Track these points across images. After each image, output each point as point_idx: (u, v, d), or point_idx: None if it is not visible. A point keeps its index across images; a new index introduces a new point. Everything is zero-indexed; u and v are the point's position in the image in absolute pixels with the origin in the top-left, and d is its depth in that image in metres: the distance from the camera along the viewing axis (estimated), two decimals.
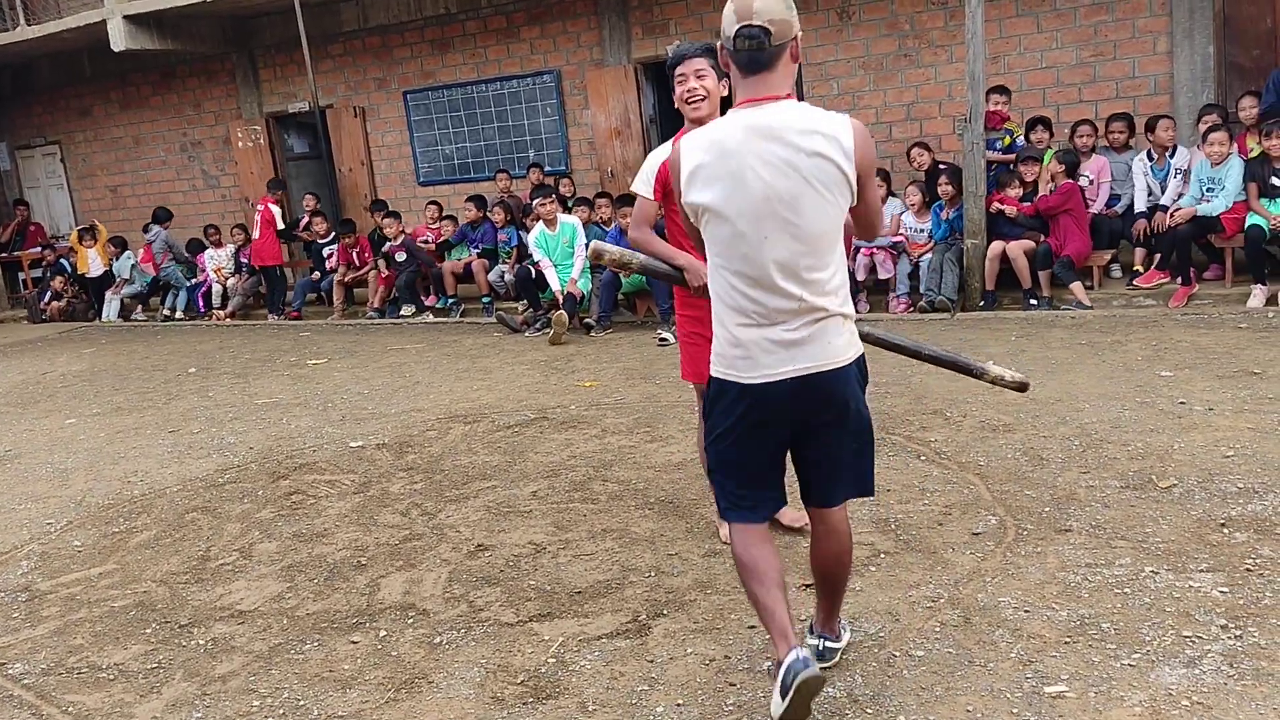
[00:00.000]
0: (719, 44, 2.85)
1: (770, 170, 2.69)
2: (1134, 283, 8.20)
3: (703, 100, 3.70)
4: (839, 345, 2.80)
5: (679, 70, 3.75)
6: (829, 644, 3.17)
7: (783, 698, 2.68)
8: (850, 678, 3.09)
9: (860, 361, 2.89)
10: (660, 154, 3.83)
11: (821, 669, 2.76)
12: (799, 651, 2.71)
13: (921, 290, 8.63)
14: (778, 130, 2.69)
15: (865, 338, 3.14)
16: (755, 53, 2.71)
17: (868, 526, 4.20)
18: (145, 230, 13.68)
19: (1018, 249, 8.25)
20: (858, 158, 2.70)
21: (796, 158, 2.68)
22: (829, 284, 2.76)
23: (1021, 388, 3.57)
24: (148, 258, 13.68)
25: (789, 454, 2.95)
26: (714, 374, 2.90)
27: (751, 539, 2.91)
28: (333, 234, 12.19)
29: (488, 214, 11.01)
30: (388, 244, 11.34)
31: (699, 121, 3.63)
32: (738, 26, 2.71)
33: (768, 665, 3.13)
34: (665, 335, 8.51)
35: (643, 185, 3.96)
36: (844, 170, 2.69)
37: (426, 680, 3.35)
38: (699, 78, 3.70)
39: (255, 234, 12.40)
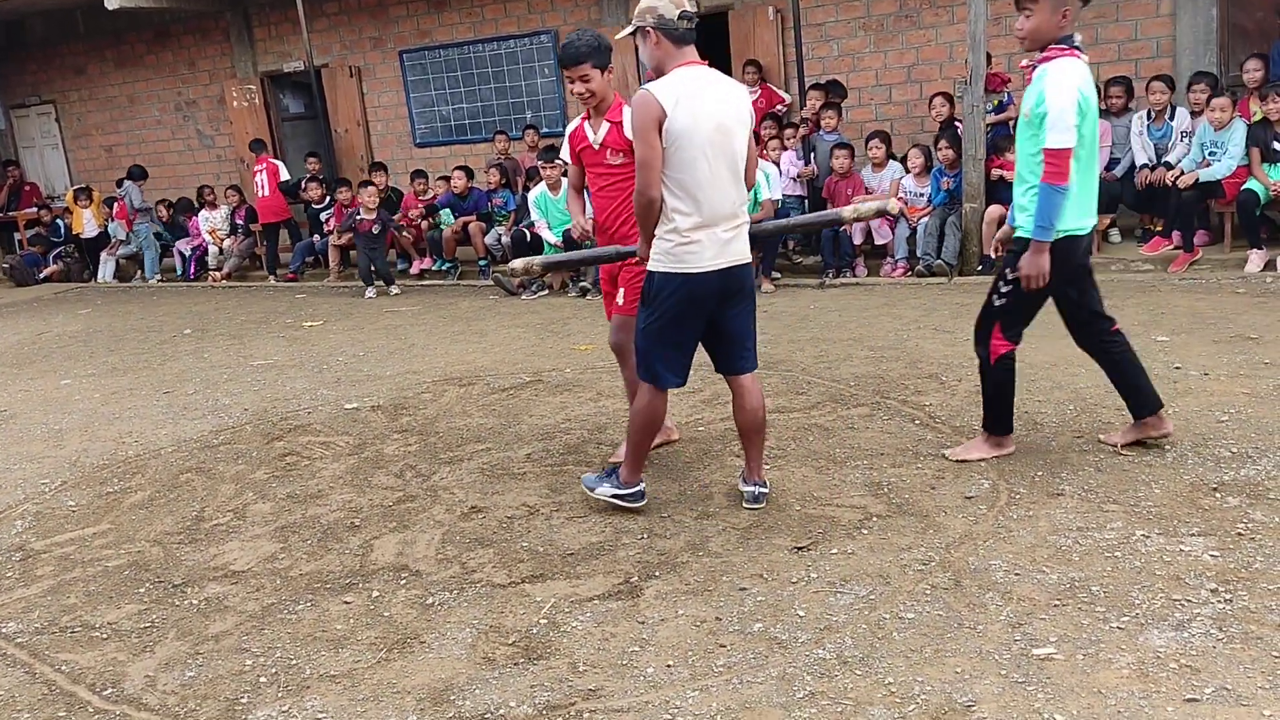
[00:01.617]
0: (648, 24, 3.74)
1: (720, 108, 3.70)
2: (1140, 250, 8.15)
3: (591, 97, 4.38)
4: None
5: (566, 73, 4.39)
6: (760, 490, 4.11)
7: (623, 501, 4.12)
8: (840, 640, 3.10)
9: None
10: (571, 125, 4.66)
11: (758, 508, 4.06)
12: (643, 485, 4.14)
13: (919, 255, 8.60)
14: (716, 82, 3.75)
15: (754, 236, 3.99)
16: (690, 30, 3.75)
17: (860, 489, 4.20)
18: (118, 185, 13.61)
19: None
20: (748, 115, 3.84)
21: (732, 101, 3.75)
22: (745, 198, 3.87)
23: (881, 212, 4.02)
24: (121, 214, 13.62)
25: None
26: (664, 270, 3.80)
27: (664, 397, 4.04)
28: (327, 199, 12.12)
29: (472, 186, 10.97)
30: (359, 217, 10.82)
31: (595, 109, 4.47)
32: (678, 11, 3.71)
33: (609, 467, 4.31)
34: None
35: (565, 153, 4.77)
36: (749, 117, 3.84)
37: (418, 640, 3.36)
38: (584, 81, 4.33)
39: (264, 193, 12.29)
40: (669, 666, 3.06)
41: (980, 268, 8.39)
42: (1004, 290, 4.16)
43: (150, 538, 4.48)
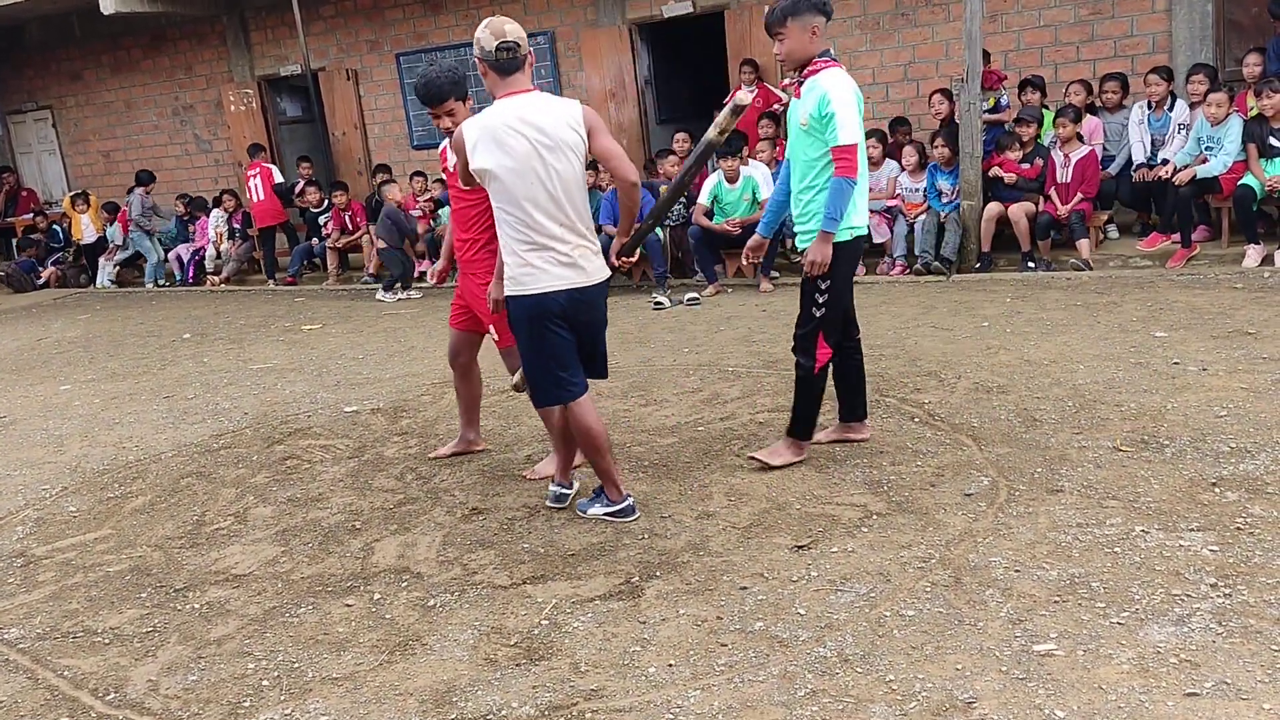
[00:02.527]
0: (476, 56, 3.87)
1: (535, 134, 3.77)
2: (1138, 246, 8.15)
3: (453, 128, 4.40)
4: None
5: (431, 110, 4.53)
6: (563, 490, 4.32)
7: (620, 518, 4.12)
8: (841, 637, 3.10)
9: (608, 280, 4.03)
10: (442, 145, 4.79)
11: (562, 507, 4.28)
12: (631, 499, 4.16)
13: (916, 253, 8.59)
14: (534, 108, 3.81)
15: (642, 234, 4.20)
16: (510, 59, 3.84)
17: (860, 488, 4.21)
18: (128, 193, 13.63)
19: (1019, 212, 8.18)
20: (587, 125, 3.86)
21: (550, 126, 3.79)
22: (588, 223, 3.94)
23: (737, 110, 3.99)
24: (121, 219, 13.65)
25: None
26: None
27: (588, 407, 4.03)
28: (325, 203, 12.12)
29: None
30: (412, 213, 10.90)
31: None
32: (497, 42, 3.81)
33: (583, 489, 4.38)
34: (660, 299, 8.51)
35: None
36: (579, 134, 3.84)
37: (420, 642, 3.37)
38: (450, 116, 4.47)
39: (258, 197, 12.31)
40: (670, 666, 3.06)
41: (978, 265, 8.39)
42: (821, 301, 4.31)
43: (151, 542, 4.49)
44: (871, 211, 8.78)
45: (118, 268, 13.89)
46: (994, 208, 8.30)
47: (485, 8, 12.04)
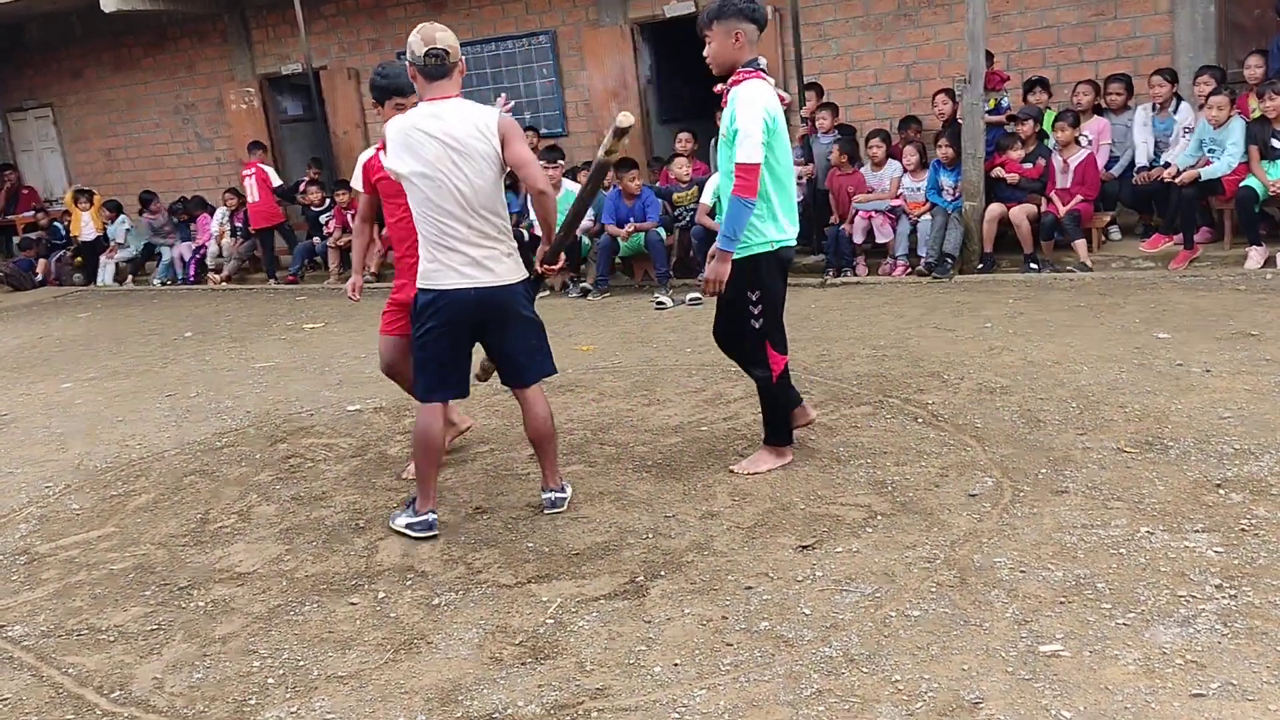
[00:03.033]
0: (407, 59, 4.01)
1: (443, 141, 3.87)
2: (1141, 247, 8.15)
3: None
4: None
5: (397, 100, 4.46)
6: (558, 495, 4.29)
7: (413, 531, 4.14)
8: (846, 637, 3.10)
9: (525, 281, 4.13)
10: (366, 154, 4.73)
11: (558, 512, 4.23)
12: (434, 515, 4.16)
13: (920, 253, 8.59)
14: (447, 115, 3.91)
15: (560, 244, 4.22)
16: (437, 65, 3.95)
17: (864, 488, 4.21)
18: (141, 215, 13.72)
19: (1021, 214, 8.17)
20: (500, 133, 3.92)
21: (460, 133, 3.88)
22: (500, 226, 4.02)
23: (619, 132, 3.93)
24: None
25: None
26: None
27: (438, 413, 4.15)
28: (327, 202, 12.12)
29: None
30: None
31: None
32: (425, 49, 3.94)
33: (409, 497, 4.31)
34: (663, 299, 8.51)
35: (356, 182, 4.85)
36: (492, 143, 3.90)
37: (425, 641, 3.37)
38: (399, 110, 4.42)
39: (253, 197, 12.33)
40: (676, 665, 3.07)
41: (980, 265, 8.39)
42: (756, 312, 4.31)
43: (155, 540, 4.49)
44: (875, 211, 8.82)
45: (119, 266, 13.87)
46: (996, 209, 8.30)
47: (488, 6, 12.06)
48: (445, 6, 12.28)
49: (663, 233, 9.15)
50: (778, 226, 4.25)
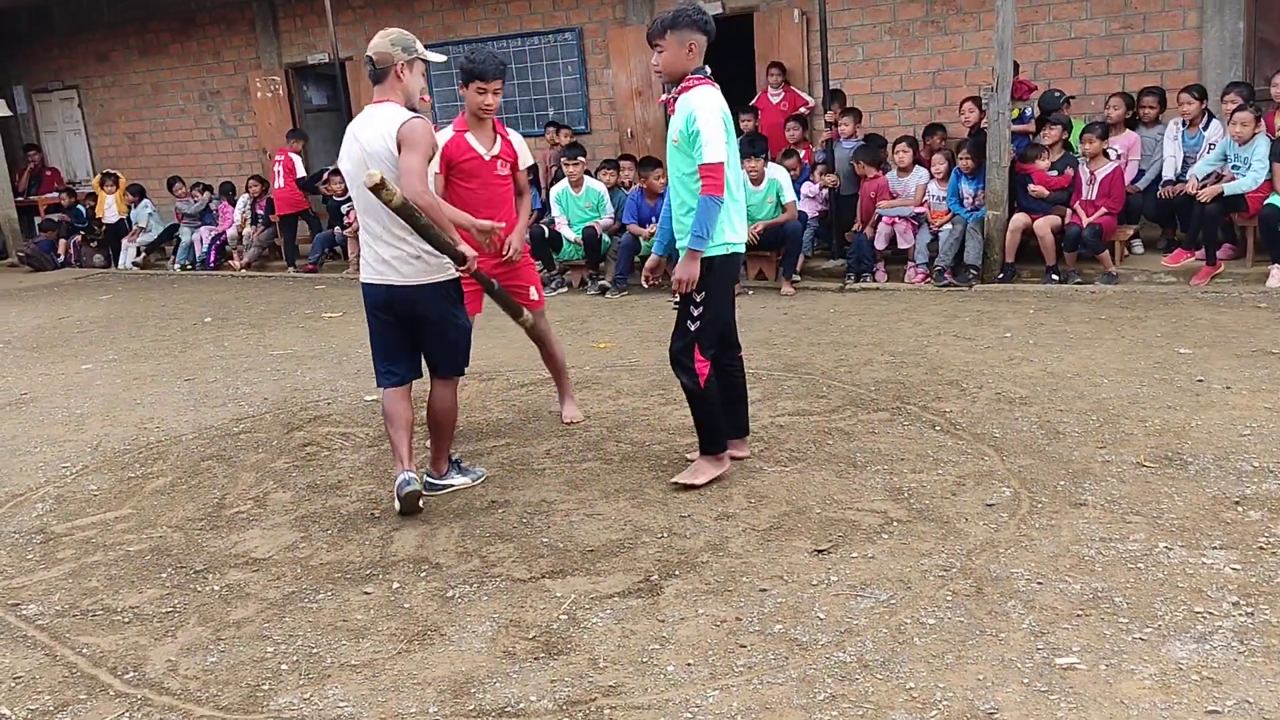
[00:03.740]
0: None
1: (360, 145, 4.14)
2: (1163, 262, 8.11)
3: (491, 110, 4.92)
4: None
5: (486, 84, 4.80)
6: (430, 479, 4.57)
7: (396, 499, 4.31)
8: (861, 643, 3.10)
9: (440, 284, 4.30)
10: (445, 137, 4.85)
11: (424, 493, 4.39)
12: (407, 474, 4.29)
13: (939, 262, 8.55)
14: (369, 120, 4.17)
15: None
16: (374, 71, 4.22)
17: (880, 494, 4.20)
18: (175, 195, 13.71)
19: (1045, 225, 8.12)
20: (397, 138, 4.06)
21: (371, 138, 4.12)
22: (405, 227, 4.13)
23: (376, 191, 3.95)
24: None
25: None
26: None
27: (395, 396, 4.45)
28: (348, 192, 12.16)
29: None
30: None
31: (479, 123, 4.97)
32: (372, 54, 4.20)
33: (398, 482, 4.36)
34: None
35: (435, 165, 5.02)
36: (391, 148, 4.07)
37: (439, 632, 3.37)
38: (496, 95, 4.83)
39: (279, 183, 12.38)
40: (689, 665, 3.06)
41: (1001, 275, 8.36)
42: (696, 315, 4.30)
43: (172, 523, 4.51)
44: (899, 218, 8.80)
45: (141, 251, 13.93)
46: (1019, 219, 8.27)
47: (515, 2, 12.09)
48: (471, 1, 12.31)
49: None
50: (732, 229, 4.27)
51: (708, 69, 4.28)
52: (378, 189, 3.87)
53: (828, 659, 3.03)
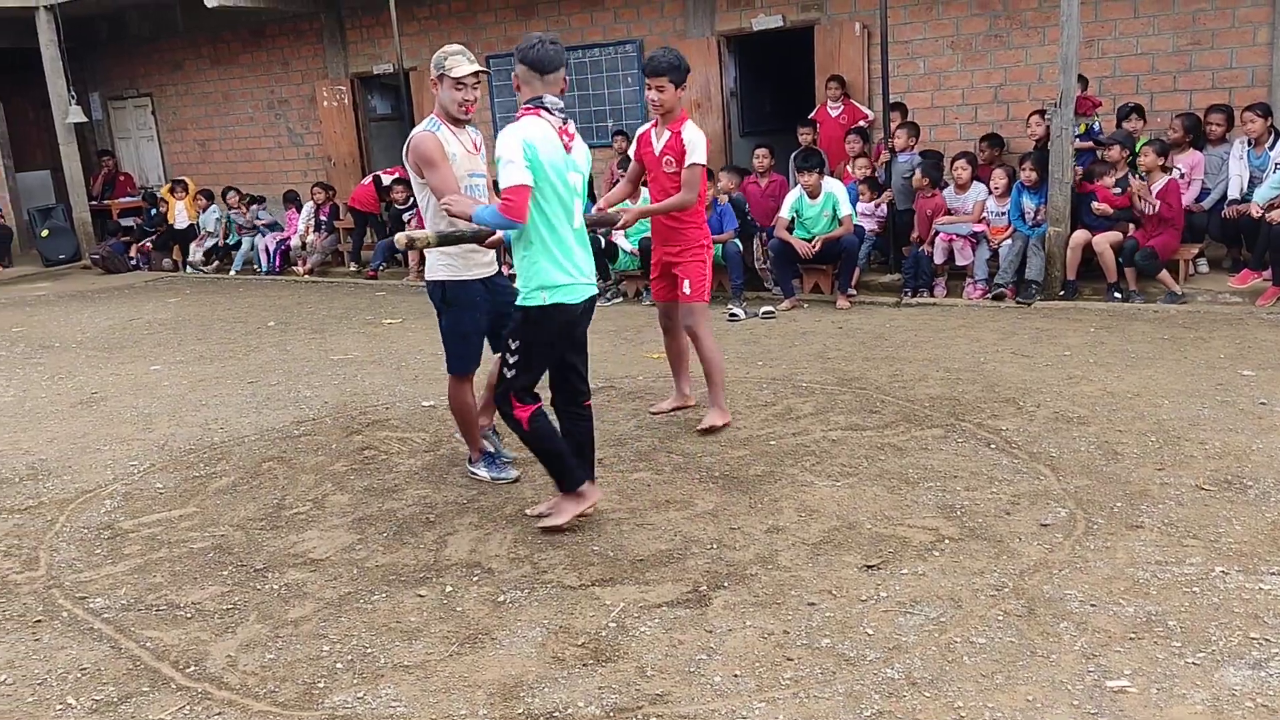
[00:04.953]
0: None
1: None
2: (1229, 282, 7.96)
3: (660, 106, 5.31)
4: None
5: (649, 80, 5.24)
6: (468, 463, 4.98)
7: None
8: (909, 660, 3.09)
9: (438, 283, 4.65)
10: (642, 128, 5.49)
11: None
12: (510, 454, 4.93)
13: (998, 279, 8.46)
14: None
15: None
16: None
17: (932, 511, 4.19)
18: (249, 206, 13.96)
19: (1104, 242, 8.01)
20: (411, 160, 4.54)
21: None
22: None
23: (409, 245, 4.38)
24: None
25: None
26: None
27: (466, 389, 4.77)
28: (411, 201, 12.33)
29: None
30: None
31: (664, 118, 5.37)
32: None
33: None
34: (736, 311, 8.51)
35: (631, 150, 5.67)
36: (406, 162, 4.57)
37: (489, 636, 3.43)
38: (659, 91, 5.22)
39: (365, 180, 12.62)
40: (736, 676, 3.08)
41: (1063, 293, 8.26)
42: (512, 361, 4.18)
43: (233, 522, 4.62)
44: (957, 235, 8.73)
45: (207, 254, 14.23)
46: (1080, 235, 8.16)
47: (576, 14, 12.19)
48: (535, 12, 12.45)
49: (740, 244, 9.14)
50: (559, 269, 4.11)
51: (545, 98, 4.08)
52: (410, 247, 4.01)
53: (875, 675, 3.03)
